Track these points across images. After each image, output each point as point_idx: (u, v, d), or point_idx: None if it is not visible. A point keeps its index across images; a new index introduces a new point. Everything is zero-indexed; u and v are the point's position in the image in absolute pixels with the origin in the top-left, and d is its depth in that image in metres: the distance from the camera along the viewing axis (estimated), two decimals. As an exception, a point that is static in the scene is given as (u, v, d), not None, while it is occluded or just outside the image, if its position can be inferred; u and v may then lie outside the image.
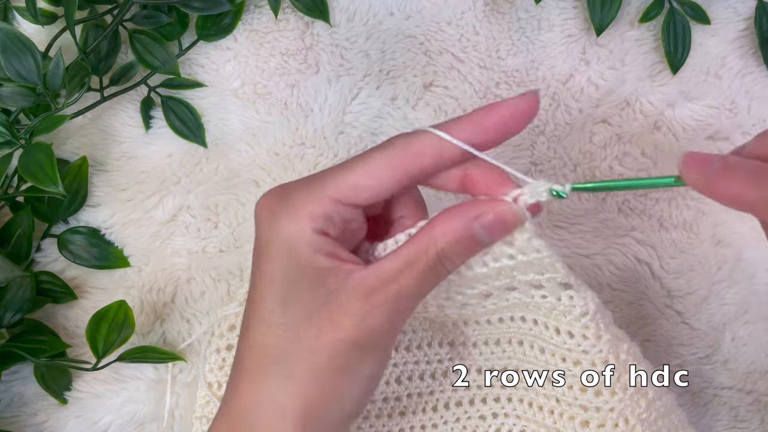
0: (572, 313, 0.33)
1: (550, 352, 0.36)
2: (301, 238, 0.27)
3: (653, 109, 0.44)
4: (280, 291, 0.28)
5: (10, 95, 0.38)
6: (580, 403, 0.36)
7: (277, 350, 0.28)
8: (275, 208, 0.28)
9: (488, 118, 0.28)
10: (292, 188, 0.29)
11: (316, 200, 0.28)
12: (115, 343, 0.40)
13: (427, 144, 0.28)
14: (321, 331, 0.27)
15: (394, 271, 0.28)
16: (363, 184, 0.28)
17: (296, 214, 0.28)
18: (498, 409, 0.39)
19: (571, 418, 0.36)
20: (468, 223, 0.27)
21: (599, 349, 0.34)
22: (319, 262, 0.27)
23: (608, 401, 0.35)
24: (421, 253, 0.28)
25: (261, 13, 0.45)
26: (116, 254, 0.43)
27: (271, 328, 0.28)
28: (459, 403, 0.39)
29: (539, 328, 0.35)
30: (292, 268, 0.28)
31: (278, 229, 0.28)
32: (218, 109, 0.44)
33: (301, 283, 0.28)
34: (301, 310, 0.27)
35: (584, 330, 0.34)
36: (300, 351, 0.27)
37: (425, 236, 0.28)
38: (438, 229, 0.28)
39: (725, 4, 0.44)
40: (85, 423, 0.43)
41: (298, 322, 0.27)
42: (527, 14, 0.44)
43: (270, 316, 0.28)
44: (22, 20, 0.43)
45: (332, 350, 0.27)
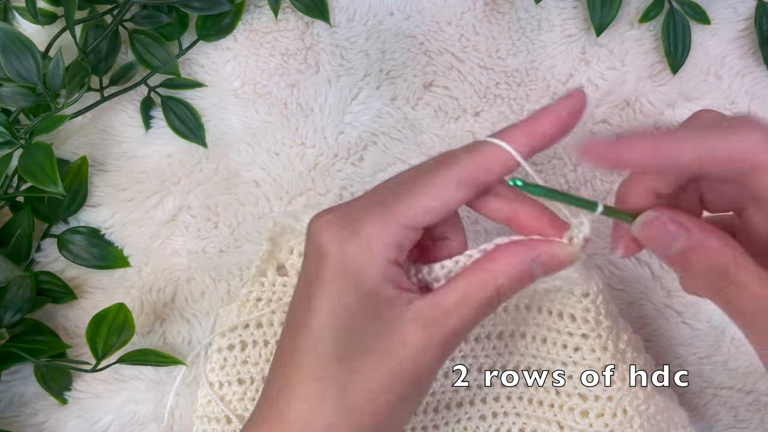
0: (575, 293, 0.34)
1: (552, 341, 0.36)
2: (375, 268, 0.27)
3: (653, 109, 0.44)
4: (342, 322, 0.27)
5: (10, 95, 0.38)
6: (579, 391, 0.36)
7: (335, 381, 0.27)
8: (345, 235, 0.27)
9: (546, 123, 0.28)
10: (359, 214, 0.28)
11: (389, 227, 0.27)
12: (115, 345, 0.40)
13: (494, 159, 0.28)
14: (379, 364, 0.27)
15: (451, 305, 0.27)
16: (433, 206, 0.27)
17: (370, 242, 0.27)
18: (498, 408, 0.39)
19: (571, 409, 0.37)
20: (528, 262, 0.27)
21: (599, 333, 0.35)
22: (387, 293, 0.27)
23: (606, 389, 0.35)
24: (479, 288, 0.27)
25: (261, 13, 0.45)
26: (116, 254, 0.43)
27: (325, 359, 0.27)
28: (460, 403, 0.39)
29: (543, 315, 0.36)
30: (358, 300, 0.27)
31: (350, 258, 0.27)
32: (218, 109, 0.44)
33: (365, 315, 0.27)
34: (361, 341, 0.27)
35: (585, 313, 0.35)
36: (358, 383, 0.27)
37: (484, 271, 0.28)
38: (499, 265, 0.28)
39: (725, 4, 0.44)
40: (85, 423, 0.43)
41: (356, 354, 0.27)
42: (527, 14, 0.44)
43: (323, 348, 0.27)
44: (22, 20, 0.43)
45: (390, 382, 0.27)
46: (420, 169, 0.29)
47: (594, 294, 0.35)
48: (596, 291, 0.35)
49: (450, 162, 0.28)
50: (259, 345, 0.39)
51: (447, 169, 0.28)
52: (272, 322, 0.40)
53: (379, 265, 0.27)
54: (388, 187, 0.29)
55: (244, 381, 0.39)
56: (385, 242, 0.27)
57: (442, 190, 0.27)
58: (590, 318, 0.35)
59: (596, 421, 0.36)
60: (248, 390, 0.39)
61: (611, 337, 0.36)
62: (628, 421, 0.36)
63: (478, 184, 0.28)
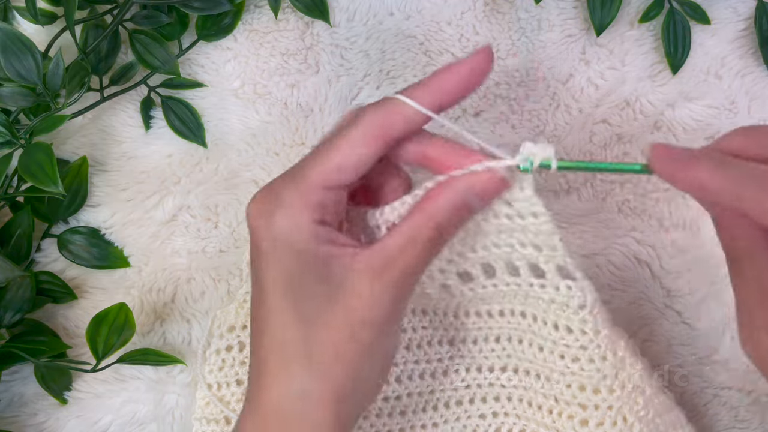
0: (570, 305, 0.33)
1: (549, 350, 0.36)
2: (301, 232, 0.28)
3: (653, 109, 0.44)
4: (290, 289, 0.28)
5: (10, 95, 0.38)
6: (579, 401, 0.36)
7: (297, 344, 0.28)
8: (268, 209, 0.29)
9: (449, 80, 0.29)
10: (278, 187, 0.29)
11: (306, 192, 0.28)
12: (115, 345, 0.40)
13: (397, 113, 0.29)
14: (336, 318, 0.28)
15: (397, 249, 0.29)
16: (346, 165, 0.29)
17: (291, 210, 0.28)
18: (498, 408, 0.39)
19: (570, 416, 0.36)
20: (461, 194, 0.29)
21: (597, 344, 0.34)
22: (323, 251, 0.28)
23: (606, 399, 0.35)
24: (421, 227, 0.29)
25: (261, 13, 0.45)
26: (116, 254, 0.43)
27: (287, 325, 0.28)
28: (459, 402, 0.39)
29: (538, 324, 0.35)
30: (298, 264, 0.28)
31: (277, 229, 0.28)
32: (218, 109, 0.44)
33: (309, 277, 0.28)
34: (313, 302, 0.28)
35: (582, 324, 0.34)
36: (319, 340, 0.28)
37: (422, 211, 0.29)
38: (435, 203, 0.29)
39: (725, 4, 0.44)
40: (85, 423, 0.43)
41: (313, 314, 0.28)
42: (527, 14, 0.44)
43: (283, 315, 0.28)
44: (22, 20, 0.43)
45: (349, 333, 0.28)
46: (333, 131, 0.30)
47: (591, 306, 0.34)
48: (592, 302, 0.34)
49: (357, 121, 0.29)
50: None
51: (354, 128, 0.29)
52: None
53: (305, 228, 0.28)
54: (306, 156, 0.30)
55: (243, 382, 0.39)
56: (304, 205, 0.28)
57: (352, 148, 0.29)
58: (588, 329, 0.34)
59: (596, 430, 0.36)
60: None
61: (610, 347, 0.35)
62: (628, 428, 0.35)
63: (385, 139, 0.29)
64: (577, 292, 0.33)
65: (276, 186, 0.30)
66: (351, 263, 0.28)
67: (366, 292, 0.28)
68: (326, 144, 0.29)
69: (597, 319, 0.34)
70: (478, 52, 0.29)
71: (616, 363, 0.35)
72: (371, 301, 0.28)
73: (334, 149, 0.29)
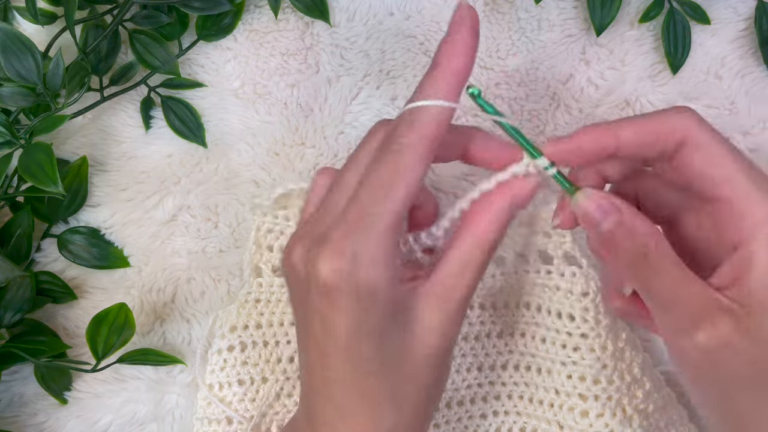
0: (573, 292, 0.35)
1: (551, 341, 0.37)
2: (383, 281, 0.27)
3: (653, 109, 0.44)
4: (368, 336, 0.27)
5: (10, 95, 0.38)
6: (579, 391, 0.36)
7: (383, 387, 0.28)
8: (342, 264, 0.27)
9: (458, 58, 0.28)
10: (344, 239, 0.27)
11: (383, 240, 0.27)
12: (115, 345, 0.40)
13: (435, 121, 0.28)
14: (413, 355, 0.28)
15: (454, 277, 0.28)
16: (410, 197, 0.28)
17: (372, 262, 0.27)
18: (498, 407, 0.39)
19: (571, 408, 0.37)
20: (506, 211, 0.29)
21: (598, 333, 0.35)
22: (400, 293, 0.28)
23: (606, 389, 0.36)
24: (473, 251, 0.28)
25: (261, 13, 0.45)
26: (116, 254, 0.43)
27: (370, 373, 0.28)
28: (461, 402, 0.39)
29: (542, 314, 0.37)
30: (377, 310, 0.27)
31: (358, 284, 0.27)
32: (218, 109, 0.44)
33: (386, 321, 0.28)
34: (392, 344, 0.28)
35: (584, 312, 0.35)
36: (402, 379, 0.28)
37: (473, 237, 0.29)
38: (483, 226, 0.29)
39: (725, 4, 0.44)
40: (85, 423, 0.43)
41: (394, 356, 0.28)
42: (527, 14, 0.44)
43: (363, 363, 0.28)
44: (22, 20, 0.43)
45: (426, 364, 0.29)
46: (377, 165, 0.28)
47: (593, 293, 0.35)
48: (595, 290, 0.35)
49: (403, 143, 0.28)
50: (259, 346, 0.39)
51: (402, 155, 0.27)
52: (272, 323, 0.40)
53: (389, 276, 0.27)
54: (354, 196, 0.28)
55: (244, 382, 0.39)
56: (384, 254, 0.27)
57: (413, 179, 0.27)
58: (589, 317, 0.35)
59: (596, 421, 0.36)
60: (248, 391, 0.39)
61: (610, 336, 0.36)
62: (627, 420, 0.36)
63: (434, 151, 0.28)
64: (581, 279, 0.34)
65: (338, 237, 0.27)
66: (417, 297, 0.28)
67: (435, 324, 0.28)
68: (381, 178, 0.27)
69: (599, 308, 0.35)
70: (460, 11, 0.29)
71: (616, 353, 0.36)
72: (441, 331, 0.28)
73: (395, 186, 0.27)
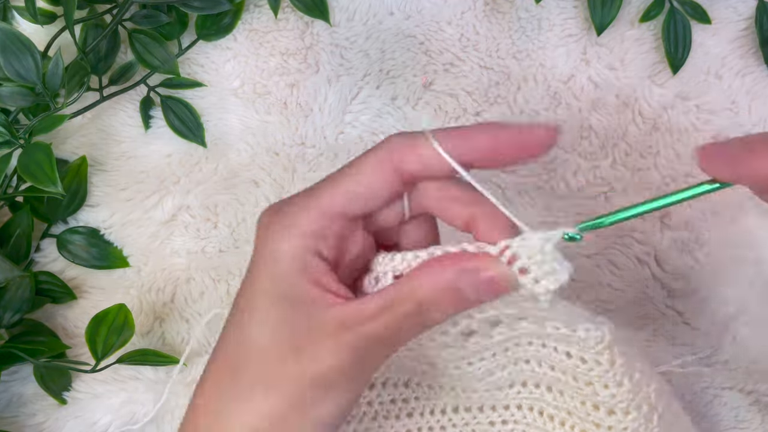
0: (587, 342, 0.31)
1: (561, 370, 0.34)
2: (290, 259, 0.26)
3: (653, 108, 0.44)
4: (273, 307, 0.26)
5: (9, 95, 0.38)
6: (593, 419, 0.34)
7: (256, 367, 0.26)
8: (270, 224, 0.27)
9: (489, 140, 0.26)
10: (287, 202, 0.27)
11: (307, 215, 0.26)
12: (115, 345, 0.40)
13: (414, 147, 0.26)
14: (299, 359, 0.26)
15: (368, 313, 0.25)
16: (355, 192, 0.26)
17: (288, 231, 0.26)
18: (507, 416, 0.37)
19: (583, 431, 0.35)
20: (455, 277, 0.25)
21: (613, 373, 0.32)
22: (303, 289, 0.26)
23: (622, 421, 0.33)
24: (401, 298, 0.26)
25: (261, 12, 0.45)
26: (115, 254, 0.43)
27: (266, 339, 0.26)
28: (468, 408, 0.38)
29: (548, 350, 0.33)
30: (284, 290, 0.26)
31: (270, 246, 0.26)
32: (218, 108, 0.44)
33: (288, 308, 0.26)
34: (287, 332, 0.26)
35: (597, 356, 0.32)
36: (278, 374, 0.26)
37: (409, 282, 0.26)
38: (423, 277, 0.26)
39: (726, 4, 0.44)
40: (84, 423, 0.42)
41: (286, 342, 0.26)
42: (527, 14, 0.44)
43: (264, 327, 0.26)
44: (21, 20, 0.43)
45: (296, 384, 0.26)
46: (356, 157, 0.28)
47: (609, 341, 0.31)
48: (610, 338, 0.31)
49: (381, 146, 0.27)
50: None
51: (366, 155, 0.26)
52: None
53: (298, 255, 0.26)
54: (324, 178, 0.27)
55: None
56: (302, 229, 0.26)
57: (364, 175, 0.26)
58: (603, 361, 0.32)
59: None
60: None
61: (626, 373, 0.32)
62: None
63: (398, 172, 0.26)
64: (595, 333, 0.31)
65: (285, 201, 0.27)
66: (323, 313, 0.26)
67: (326, 346, 0.25)
68: (341, 169, 0.27)
69: (615, 353, 0.32)
70: (541, 128, 0.25)
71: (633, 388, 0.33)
72: (325, 356, 0.25)
73: (345, 175, 0.26)
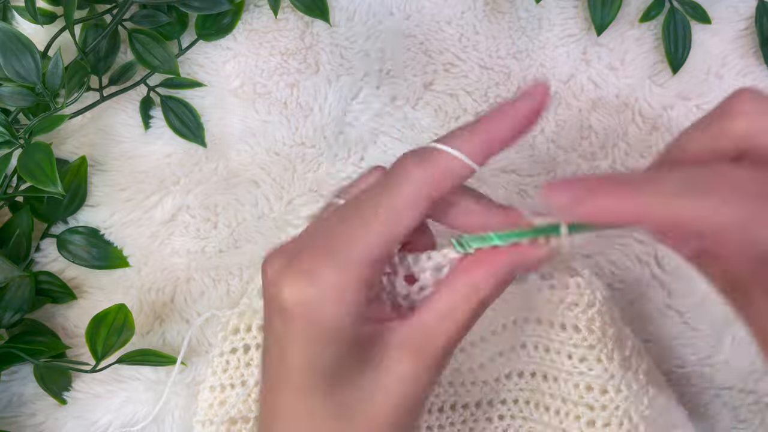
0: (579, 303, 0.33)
1: (555, 351, 0.35)
2: (345, 317, 0.25)
3: (653, 108, 0.44)
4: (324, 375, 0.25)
5: (9, 95, 0.38)
6: (586, 401, 0.35)
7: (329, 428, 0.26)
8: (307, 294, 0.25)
9: (502, 127, 0.26)
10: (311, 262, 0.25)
11: (351, 274, 0.25)
12: (115, 345, 0.40)
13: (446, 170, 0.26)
14: (376, 405, 0.25)
15: (435, 326, 0.26)
16: (394, 237, 0.25)
17: (334, 294, 0.25)
18: (504, 411, 0.38)
19: (577, 417, 0.36)
20: (509, 269, 0.26)
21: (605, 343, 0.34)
22: (366, 332, 0.25)
23: (614, 399, 0.35)
24: (461, 301, 0.26)
25: (261, 12, 0.45)
26: (115, 254, 0.43)
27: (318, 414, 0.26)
28: (466, 405, 0.38)
29: (543, 326, 0.35)
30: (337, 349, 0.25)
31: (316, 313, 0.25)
32: (218, 108, 0.44)
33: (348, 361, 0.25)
34: (352, 389, 0.25)
35: (590, 323, 0.34)
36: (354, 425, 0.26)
37: (463, 284, 0.26)
38: (480, 277, 0.26)
39: (726, 4, 0.44)
40: (84, 423, 0.42)
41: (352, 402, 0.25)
42: (527, 13, 0.44)
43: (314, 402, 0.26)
44: (21, 20, 0.43)
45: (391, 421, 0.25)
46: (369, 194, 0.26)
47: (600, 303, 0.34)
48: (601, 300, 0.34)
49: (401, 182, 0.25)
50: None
51: (399, 193, 0.25)
52: None
53: (352, 312, 0.25)
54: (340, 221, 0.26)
55: (247, 383, 0.39)
56: (351, 289, 0.25)
57: (400, 219, 0.25)
58: (596, 328, 0.34)
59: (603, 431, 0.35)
60: (252, 392, 0.39)
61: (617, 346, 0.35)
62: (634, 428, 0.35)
63: (433, 200, 0.26)
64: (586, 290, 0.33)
65: (307, 260, 0.25)
66: (390, 341, 0.26)
67: (407, 374, 0.25)
68: (365, 211, 0.25)
69: (605, 318, 0.34)
70: (533, 92, 0.26)
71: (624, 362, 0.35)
72: (413, 382, 0.25)
73: (379, 221, 0.25)
